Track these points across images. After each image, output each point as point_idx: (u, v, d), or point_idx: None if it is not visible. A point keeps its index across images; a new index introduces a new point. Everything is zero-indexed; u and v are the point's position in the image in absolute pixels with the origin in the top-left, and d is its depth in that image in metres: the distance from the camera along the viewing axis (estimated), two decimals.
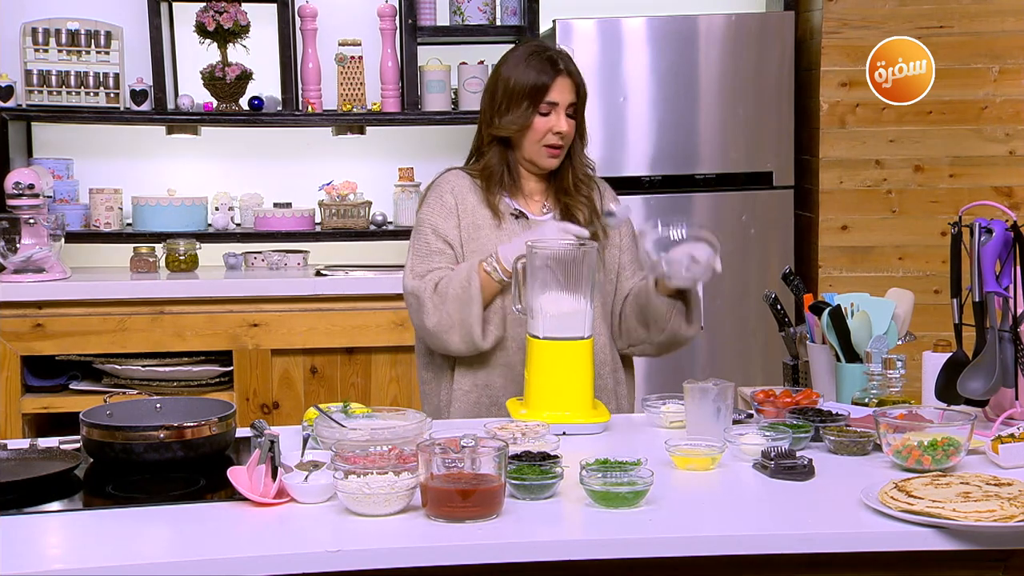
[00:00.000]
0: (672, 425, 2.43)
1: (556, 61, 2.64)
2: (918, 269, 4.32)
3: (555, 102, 2.61)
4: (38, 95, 4.26)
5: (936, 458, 2.07)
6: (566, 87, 2.63)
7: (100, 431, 2.14)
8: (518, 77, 2.62)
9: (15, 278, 4.02)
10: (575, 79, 2.65)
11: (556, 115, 2.62)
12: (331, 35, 4.39)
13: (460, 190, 2.68)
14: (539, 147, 2.64)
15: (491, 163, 2.67)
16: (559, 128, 2.61)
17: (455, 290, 2.54)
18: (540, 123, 2.62)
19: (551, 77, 2.61)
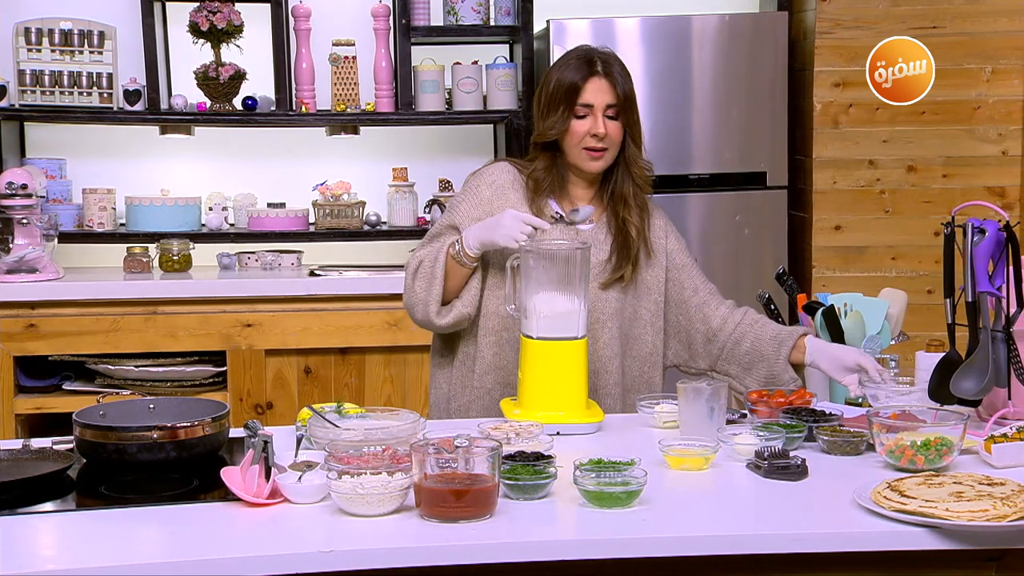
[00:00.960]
0: (666, 425, 2.43)
1: (594, 61, 2.60)
2: (911, 269, 4.33)
3: (590, 104, 2.57)
4: (31, 95, 4.25)
5: (929, 458, 2.07)
6: (602, 88, 2.58)
7: (93, 431, 2.14)
8: (558, 79, 2.61)
9: (8, 278, 4.01)
10: (613, 80, 2.59)
11: (593, 117, 2.57)
12: (325, 35, 4.39)
13: (501, 186, 2.66)
14: (579, 150, 2.60)
15: (538, 169, 2.65)
16: (596, 130, 2.57)
17: (424, 269, 2.58)
18: (577, 126, 2.58)
19: (584, 78, 2.57)
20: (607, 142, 2.59)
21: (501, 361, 2.62)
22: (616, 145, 2.62)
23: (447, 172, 4.54)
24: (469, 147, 4.67)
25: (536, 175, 2.64)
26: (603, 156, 2.60)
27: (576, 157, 2.61)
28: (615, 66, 2.61)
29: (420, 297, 2.59)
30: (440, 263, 2.57)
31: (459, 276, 2.59)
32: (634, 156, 2.64)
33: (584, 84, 2.57)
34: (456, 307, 2.60)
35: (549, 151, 2.64)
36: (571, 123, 2.58)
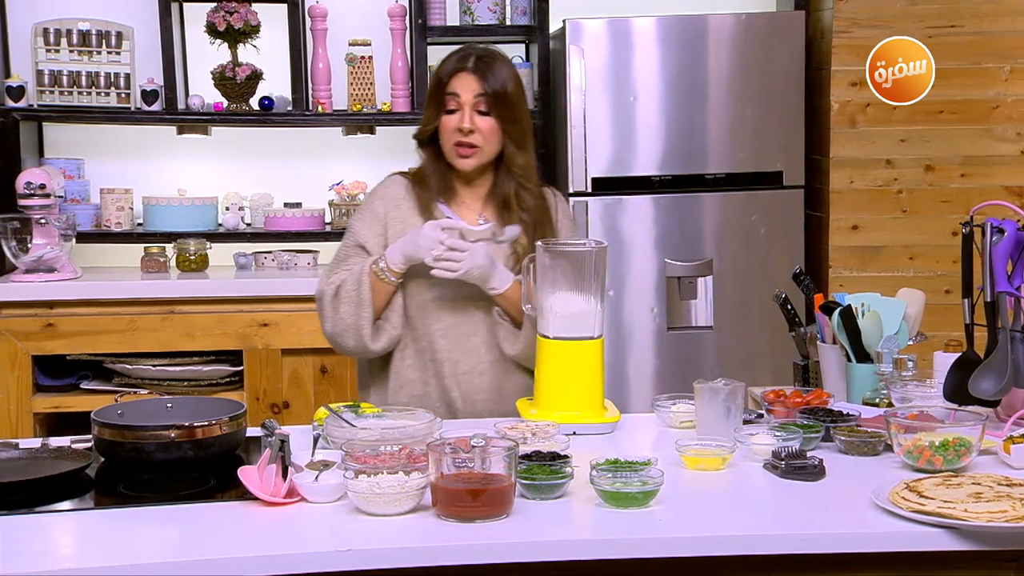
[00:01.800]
0: (682, 425, 2.43)
1: (467, 57, 2.56)
2: (929, 269, 4.31)
3: (456, 93, 2.53)
4: (49, 95, 4.27)
5: (947, 458, 2.06)
6: (470, 82, 2.53)
7: (111, 430, 2.15)
8: (434, 74, 2.62)
9: (26, 278, 4.03)
10: (483, 75, 2.53)
11: (461, 112, 2.53)
12: (341, 35, 4.40)
13: (393, 197, 2.65)
14: (451, 147, 2.57)
15: (424, 168, 2.64)
16: (462, 124, 2.52)
17: (347, 293, 2.55)
18: (445, 121, 2.55)
19: (452, 72, 2.55)
20: (475, 138, 2.54)
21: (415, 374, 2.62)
22: (489, 143, 2.56)
23: None
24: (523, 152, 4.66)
25: (421, 174, 2.63)
26: (474, 153, 2.55)
27: (449, 153, 2.58)
28: (491, 62, 2.56)
29: (349, 323, 2.55)
30: (365, 284, 2.53)
31: (383, 295, 2.55)
32: (512, 154, 2.58)
33: (451, 78, 2.55)
34: (386, 330, 2.58)
35: (432, 149, 2.62)
36: (442, 118, 2.56)
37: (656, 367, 4.30)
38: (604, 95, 4.22)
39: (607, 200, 4.24)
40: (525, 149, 2.60)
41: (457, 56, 2.59)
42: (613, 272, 4.11)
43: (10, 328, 3.96)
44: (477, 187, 2.65)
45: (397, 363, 2.64)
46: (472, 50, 2.60)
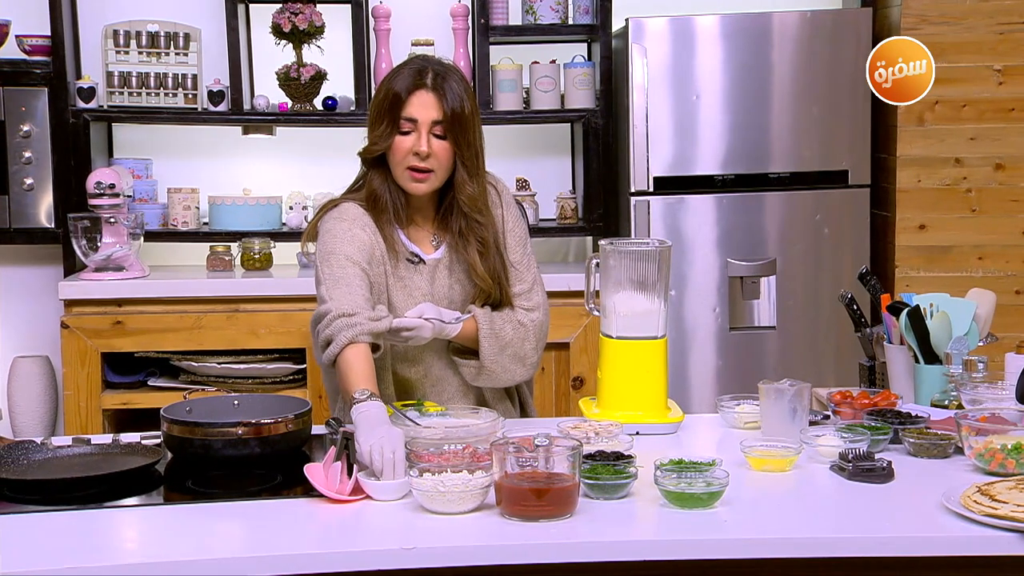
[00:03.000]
0: (747, 426, 2.41)
1: (424, 72, 2.39)
2: (998, 269, 4.24)
3: (413, 118, 2.37)
4: (119, 96, 4.34)
5: (1020, 462, 2.03)
6: (428, 103, 2.37)
7: (180, 427, 2.18)
8: (386, 89, 2.41)
9: (96, 276, 4.10)
10: (441, 94, 2.37)
11: (417, 134, 2.37)
12: (404, 35, 4.42)
13: (370, 227, 2.42)
14: (403, 169, 2.40)
15: (374, 187, 2.44)
16: (418, 148, 2.36)
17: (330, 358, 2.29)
18: (399, 142, 2.38)
19: (409, 91, 2.38)
20: (431, 162, 2.39)
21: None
22: (443, 167, 2.41)
23: (525, 171, 4.54)
24: (547, 146, 4.67)
25: (372, 195, 2.43)
26: (427, 178, 2.40)
27: (400, 176, 2.42)
28: (450, 80, 2.40)
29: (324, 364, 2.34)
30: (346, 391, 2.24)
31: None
32: (462, 182, 2.43)
33: (408, 97, 2.38)
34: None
35: (381, 171, 2.45)
36: (395, 138, 2.39)
37: (718, 367, 4.27)
38: (666, 94, 4.20)
39: (669, 200, 4.22)
40: (476, 175, 2.46)
41: (412, 70, 2.42)
42: (675, 272, 4.08)
43: (80, 325, 4.04)
44: (428, 210, 2.51)
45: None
46: (428, 64, 2.44)
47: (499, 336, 2.48)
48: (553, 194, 4.49)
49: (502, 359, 2.49)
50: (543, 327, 2.56)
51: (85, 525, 1.90)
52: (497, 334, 2.48)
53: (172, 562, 1.75)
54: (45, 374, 4.34)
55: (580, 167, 4.51)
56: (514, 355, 2.50)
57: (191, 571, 1.74)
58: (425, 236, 2.52)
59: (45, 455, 2.19)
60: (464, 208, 2.46)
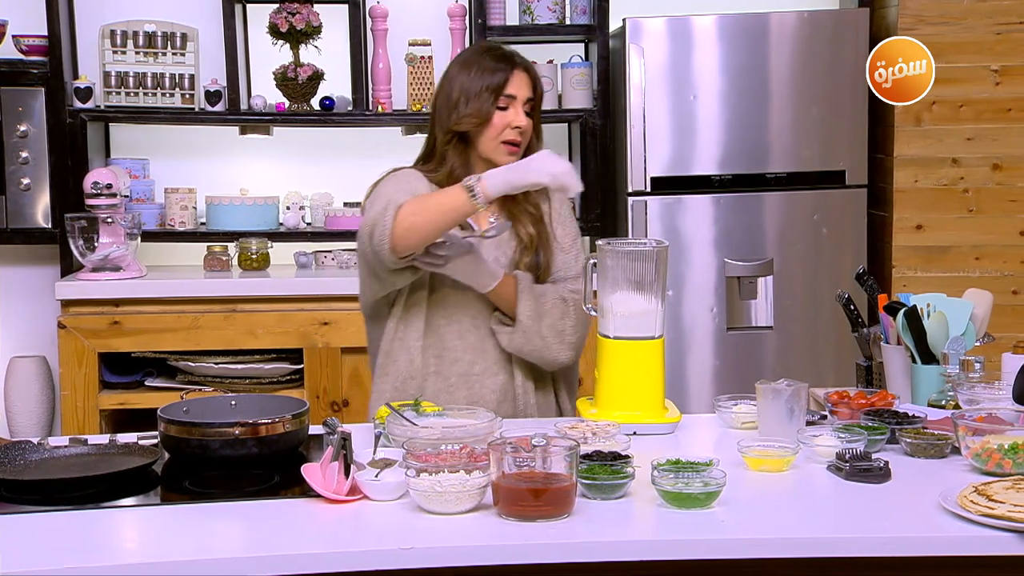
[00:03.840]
0: (744, 426, 2.41)
1: (512, 56, 2.60)
2: (996, 269, 4.24)
3: (513, 95, 2.56)
4: (116, 96, 4.34)
5: (1017, 462, 2.03)
6: (524, 82, 2.58)
7: (177, 427, 2.18)
8: (476, 72, 2.57)
9: (93, 276, 4.10)
10: (532, 75, 2.60)
11: (514, 109, 2.56)
12: (401, 35, 4.42)
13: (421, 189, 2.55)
14: (497, 143, 2.56)
15: (454, 165, 2.57)
16: (517, 122, 2.55)
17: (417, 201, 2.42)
18: (499, 118, 2.55)
19: (508, 70, 2.57)
20: (523, 136, 2.58)
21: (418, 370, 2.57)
22: (527, 142, 2.59)
23: None
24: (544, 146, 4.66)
25: (453, 174, 2.54)
26: (518, 151, 2.57)
27: (492, 150, 2.56)
28: (528, 62, 2.64)
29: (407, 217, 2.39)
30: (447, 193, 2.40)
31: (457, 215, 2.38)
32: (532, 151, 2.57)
33: (509, 76, 2.56)
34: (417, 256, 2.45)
35: (459, 146, 2.58)
36: (493, 114, 2.54)
37: (715, 367, 4.27)
38: (664, 94, 4.20)
39: (667, 200, 4.22)
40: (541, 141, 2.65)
41: (500, 53, 2.61)
42: (672, 272, 4.08)
43: (77, 326, 4.03)
44: None
45: (402, 355, 2.58)
46: (505, 50, 2.64)
47: (538, 300, 2.55)
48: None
49: (540, 327, 2.54)
50: (585, 317, 2.61)
51: (82, 525, 1.90)
52: (536, 297, 2.55)
53: (169, 562, 1.75)
54: (42, 374, 4.34)
55: (577, 167, 4.51)
56: (552, 327, 2.55)
57: (188, 571, 1.73)
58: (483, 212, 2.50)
59: (42, 455, 2.19)
60: None
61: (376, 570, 1.76)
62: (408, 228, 2.38)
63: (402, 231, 2.38)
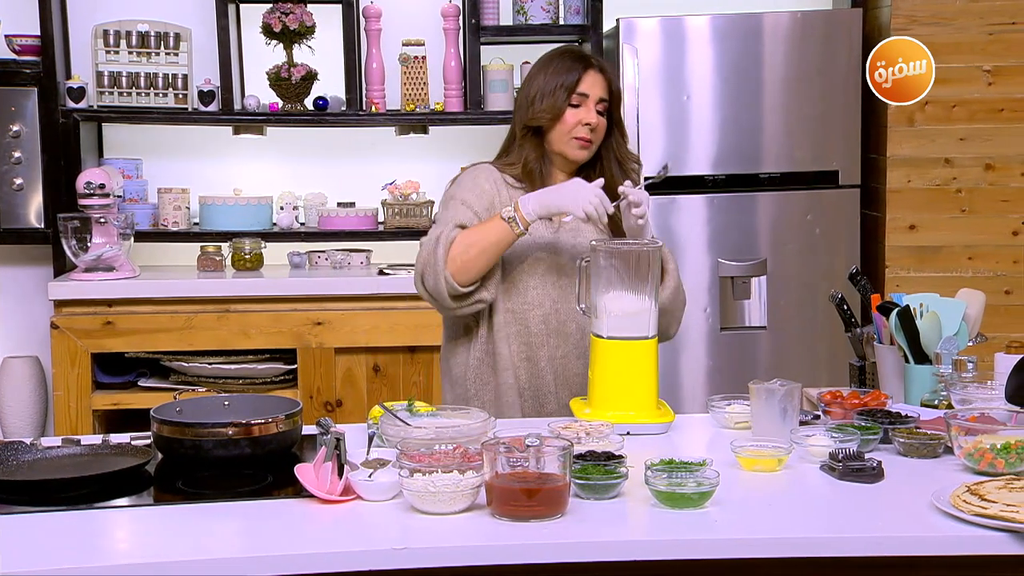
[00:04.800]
0: (737, 426, 2.41)
1: (587, 57, 2.72)
2: (988, 269, 4.25)
3: (585, 94, 2.64)
4: (109, 96, 4.33)
5: (1009, 461, 2.03)
6: (596, 81, 2.66)
7: (170, 427, 2.17)
8: (552, 71, 2.68)
9: (86, 276, 4.09)
10: (607, 76, 2.69)
11: (586, 108, 2.64)
12: (395, 35, 4.42)
13: (496, 180, 2.69)
14: (569, 138, 2.65)
15: (529, 157, 2.68)
16: (588, 119, 2.63)
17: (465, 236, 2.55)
18: (570, 114, 2.64)
19: (582, 70, 2.66)
20: (594, 135, 2.66)
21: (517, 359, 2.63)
22: (599, 140, 2.68)
23: None
24: None
25: (527, 165, 2.67)
26: (590, 147, 2.67)
27: (564, 145, 2.66)
28: (605, 64, 2.73)
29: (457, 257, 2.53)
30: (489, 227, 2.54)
31: (502, 246, 2.54)
32: (625, 153, 2.73)
33: (583, 75, 2.65)
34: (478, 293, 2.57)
35: (535, 141, 2.68)
36: (565, 110, 2.63)
37: (708, 367, 4.27)
38: (657, 94, 4.21)
39: (660, 200, 4.22)
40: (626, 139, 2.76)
41: (576, 54, 2.72)
42: None
43: (70, 326, 4.03)
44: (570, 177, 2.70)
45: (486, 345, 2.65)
46: (583, 51, 2.77)
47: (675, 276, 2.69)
48: None
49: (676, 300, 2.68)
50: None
51: (75, 526, 1.90)
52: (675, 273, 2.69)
53: (163, 563, 1.75)
54: (35, 375, 4.33)
55: None
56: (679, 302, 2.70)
57: (182, 572, 1.73)
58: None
59: (35, 456, 2.19)
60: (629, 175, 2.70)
61: (369, 570, 1.76)
62: (460, 268, 2.54)
63: (455, 270, 2.54)
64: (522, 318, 2.64)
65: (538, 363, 2.64)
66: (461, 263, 2.53)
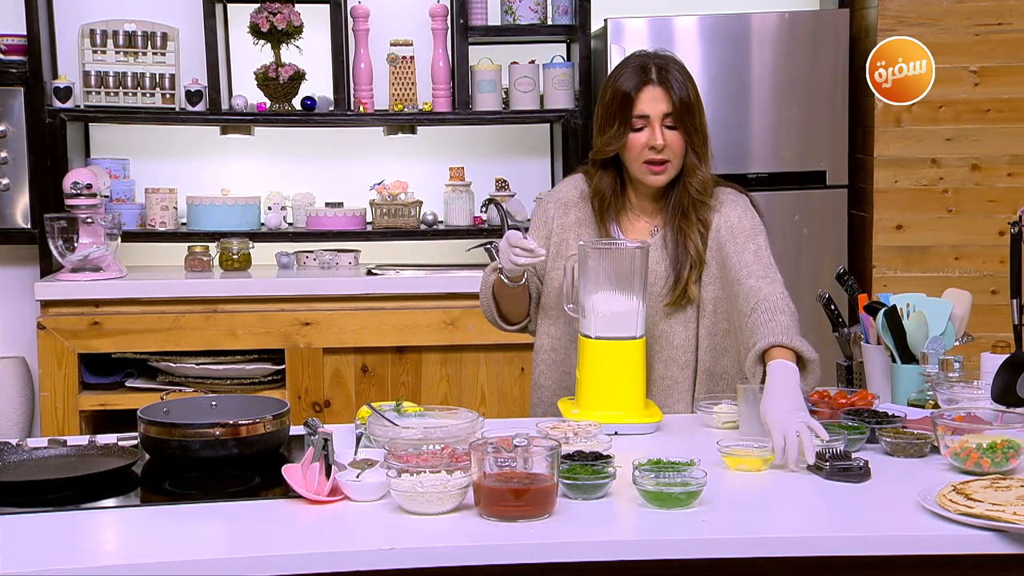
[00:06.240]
0: (725, 426, 2.41)
1: (648, 68, 2.49)
2: (975, 269, 4.26)
3: (646, 115, 2.47)
4: (96, 96, 4.32)
5: (995, 461, 2.04)
6: (657, 96, 2.47)
7: (157, 428, 2.17)
8: (613, 90, 2.51)
9: (73, 276, 4.08)
10: (668, 87, 2.47)
11: (650, 129, 2.47)
12: (383, 35, 4.41)
13: (566, 203, 2.62)
14: (640, 164, 2.50)
15: (601, 187, 2.57)
16: (654, 142, 2.46)
17: (483, 291, 2.68)
18: (634, 139, 2.48)
19: (638, 88, 2.47)
20: (667, 153, 2.48)
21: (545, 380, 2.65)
22: (679, 156, 2.50)
23: (504, 171, 4.55)
24: (526, 147, 4.68)
25: (599, 194, 2.57)
26: (665, 168, 2.50)
27: (638, 171, 2.52)
28: (672, 71, 2.49)
29: (485, 310, 2.71)
30: (488, 285, 2.65)
31: (513, 297, 2.62)
32: (692, 166, 2.52)
33: (638, 94, 2.47)
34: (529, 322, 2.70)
35: (612, 166, 2.57)
36: (628, 137, 2.48)
37: None
38: None
39: None
40: (705, 160, 2.53)
41: (635, 68, 2.50)
42: None
43: (57, 326, 4.01)
44: (654, 201, 2.59)
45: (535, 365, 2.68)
46: (649, 59, 2.51)
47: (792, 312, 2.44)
48: (532, 194, 4.49)
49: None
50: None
51: (61, 527, 1.89)
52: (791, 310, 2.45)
53: (150, 563, 1.74)
54: (21, 375, 4.32)
55: (559, 167, 4.52)
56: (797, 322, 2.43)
57: (169, 572, 1.73)
58: (645, 228, 2.60)
59: (21, 457, 2.18)
60: (693, 192, 2.53)
61: (357, 571, 1.76)
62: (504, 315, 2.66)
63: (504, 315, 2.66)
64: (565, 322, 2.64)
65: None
66: (504, 311, 2.66)
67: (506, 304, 2.64)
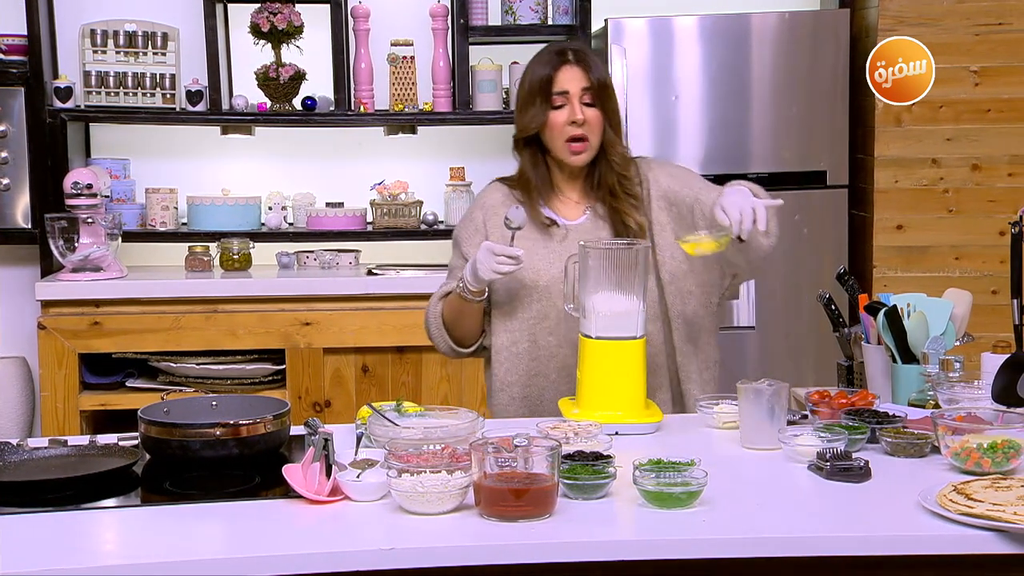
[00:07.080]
0: (725, 425, 2.41)
1: (564, 52, 2.60)
2: (975, 269, 4.26)
3: (565, 91, 2.55)
4: (96, 96, 4.32)
5: (996, 461, 2.04)
6: (575, 75, 2.56)
7: (158, 428, 2.17)
8: (529, 76, 2.61)
9: (73, 276, 4.08)
10: (586, 66, 2.57)
11: (570, 106, 2.55)
12: (383, 35, 4.41)
13: (492, 205, 2.67)
14: (561, 143, 2.57)
15: (524, 169, 2.65)
16: (574, 117, 2.54)
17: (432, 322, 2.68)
18: (555, 117, 2.56)
19: (555, 67, 2.56)
20: (586, 129, 2.56)
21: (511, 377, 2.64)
22: (597, 133, 2.58)
23: (504, 171, 4.49)
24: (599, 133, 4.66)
25: (524, 177, 2.63)
26: (586, 147, 2.57)
27: (559, 151, 2.59)
28: (588, 55, 2.61)
29: (438, 342, 2.69)
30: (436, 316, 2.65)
31: (472, 314, 2.61)
32: (612, 142, 2.60)
33: (556, 73, 2.56)
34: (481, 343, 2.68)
35: (531, 150, 2.63)
36: (549, 114, 2.55)
37: None
38: (646, 94, 4.21)
39: None
40: (620, 136, 2.64)
41: (551, 52, 2.61)
42: None
43: (57, 326, 4.01)
44: (578, 181, 2.66)
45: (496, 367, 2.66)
46: (564, 46, 2.66)
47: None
48: None
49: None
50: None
51: (62, 527, 1.89)
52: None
53: (150, 563, 1.74)
54: (22, 375, 4.32)
55: None
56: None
57: (169, 572, 1.73)
58: (576, 208, 2.65)
59: (21, 457, 2.18)
60: (616, 167, 2.60)
61: (358, 571, 1.76)
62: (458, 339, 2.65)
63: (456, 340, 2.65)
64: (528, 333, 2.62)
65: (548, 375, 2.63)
66: (458, 335, 2.65)
67: (465, 325, 2.63)
